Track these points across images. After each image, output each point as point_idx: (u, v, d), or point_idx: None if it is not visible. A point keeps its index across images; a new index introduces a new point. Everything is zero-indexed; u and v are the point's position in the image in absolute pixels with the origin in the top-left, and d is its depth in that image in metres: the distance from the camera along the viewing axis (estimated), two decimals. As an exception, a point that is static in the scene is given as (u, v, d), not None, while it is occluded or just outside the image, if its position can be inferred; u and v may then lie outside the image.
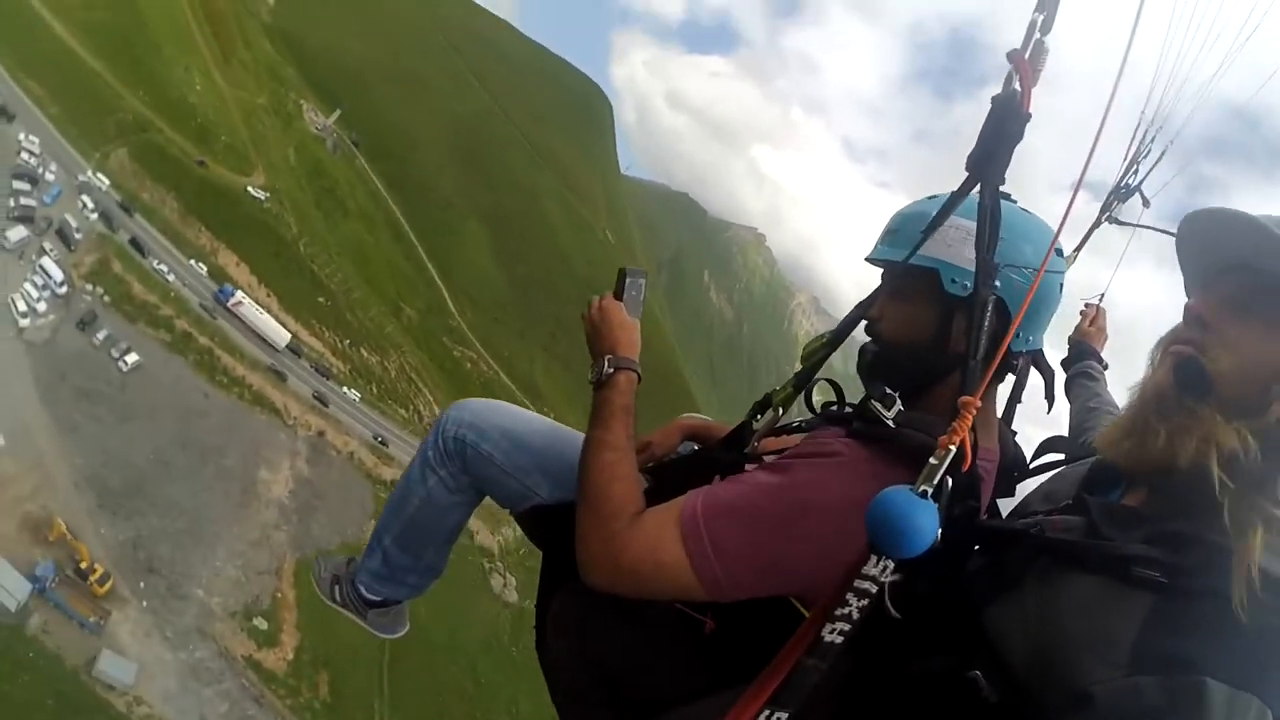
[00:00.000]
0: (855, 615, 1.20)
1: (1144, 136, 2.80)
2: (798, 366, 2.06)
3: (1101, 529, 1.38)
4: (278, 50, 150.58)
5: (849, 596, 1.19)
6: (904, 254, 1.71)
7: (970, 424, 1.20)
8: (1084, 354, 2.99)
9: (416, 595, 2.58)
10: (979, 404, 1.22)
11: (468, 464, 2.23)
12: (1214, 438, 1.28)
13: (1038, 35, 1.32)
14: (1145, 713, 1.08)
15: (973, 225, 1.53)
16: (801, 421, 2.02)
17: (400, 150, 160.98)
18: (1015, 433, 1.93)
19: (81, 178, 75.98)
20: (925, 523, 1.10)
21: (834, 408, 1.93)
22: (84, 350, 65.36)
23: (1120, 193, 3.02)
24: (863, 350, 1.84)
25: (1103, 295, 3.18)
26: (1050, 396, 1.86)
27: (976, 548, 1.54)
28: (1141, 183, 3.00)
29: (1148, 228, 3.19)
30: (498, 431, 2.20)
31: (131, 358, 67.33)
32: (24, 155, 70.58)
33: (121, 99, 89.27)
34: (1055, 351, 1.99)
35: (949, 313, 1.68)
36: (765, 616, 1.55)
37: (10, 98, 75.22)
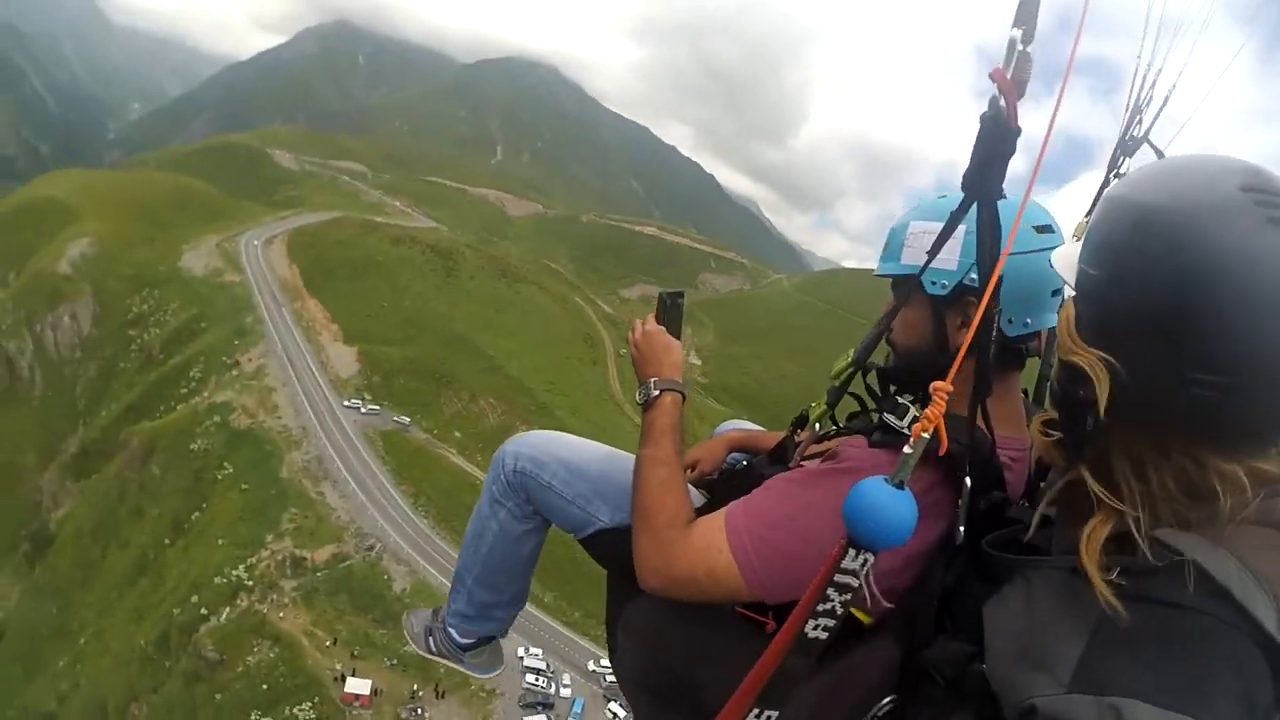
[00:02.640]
0: (838, 610, 1.22)
1: (1145, 80, 2.34)
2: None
3: (1060, 530, 1.38)
4: (724, 403, 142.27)
5: (830, 592, 1.20)
6: (892, 267, 1.85)
7: (943, 410, 1.20)
8: None
9: (505, 629, 2.65)
10: (950, 389, 1.22)
11: (530, 495, 2.28)
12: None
13: (1020, 48, 1.28)
14: None
15: (937, 227, 1.61)
16: (833, 430, 2.07)
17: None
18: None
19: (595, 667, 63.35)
20: (901, 514, 1.11)
21: (859, 417, 2.00)
22: None
23: (1126, 146, 2.50)
24: (886, 360, 1.94)
25: None
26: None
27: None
28: (1149, 131, 2.46)
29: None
30: (555, 461, 2.25)
31: None
32: (530, 678, 58.36)
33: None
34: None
35: (940, 313, 1.76)
36: None
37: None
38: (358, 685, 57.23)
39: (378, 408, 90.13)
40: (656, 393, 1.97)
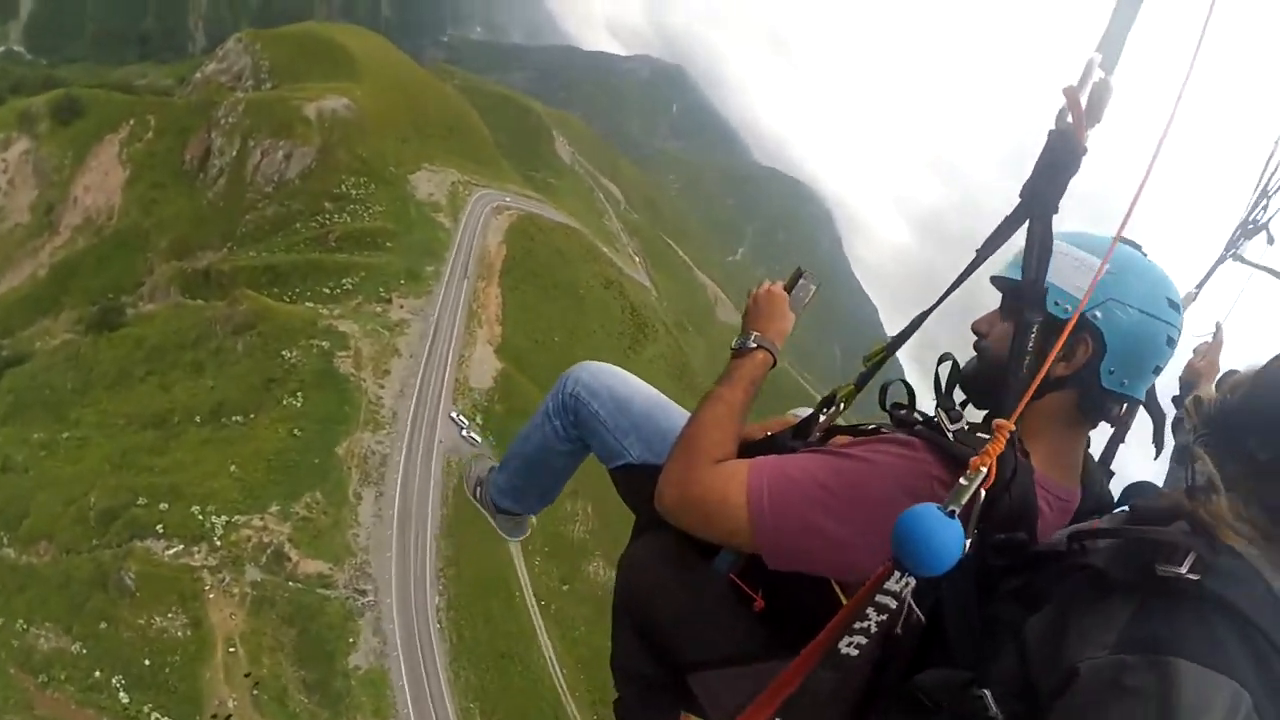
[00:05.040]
0: (873, 629, 1.23)
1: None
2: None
3: (1137, 522, 1.40)
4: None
5: (869, 610, 1.21)
6: (1017, 272, 1.75)
7: (1003, 446, 1.22)
8: (1192, 390, 2.82)
9: (534, 513, 2.94)
10: (1013, 427, 1.25)
11: (579, 419, 2.44)
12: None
13: (1100, 73, 1.33)
14: (1124, 689, 1.13)
15: (1086, 256, 1.63)
16: (876, 425, 2.04)
17: None
18: (1113, 473, 1.97)
19: None
20: (949, 541, 1.12)
21: (904, 410, 1.93)
22: None
23: (1248, 228, 2.60)
24: (967, 364, 1.88)
25: (1217, 329, 2.94)
26: (1159, 440, 1.84)
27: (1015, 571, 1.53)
28: (1270, 219, 2.54)
29: (1270, 270, 2.81)
30: (607, 392, 2.40)
31: None
32: None
33: None
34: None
35: (1048, 336, 1.65)
36: (811, 604, 1.63)
37: None
38: (228, 744, 43.29)
39: (479, 440, 74.90)
40: (753, 345, 1.99)
